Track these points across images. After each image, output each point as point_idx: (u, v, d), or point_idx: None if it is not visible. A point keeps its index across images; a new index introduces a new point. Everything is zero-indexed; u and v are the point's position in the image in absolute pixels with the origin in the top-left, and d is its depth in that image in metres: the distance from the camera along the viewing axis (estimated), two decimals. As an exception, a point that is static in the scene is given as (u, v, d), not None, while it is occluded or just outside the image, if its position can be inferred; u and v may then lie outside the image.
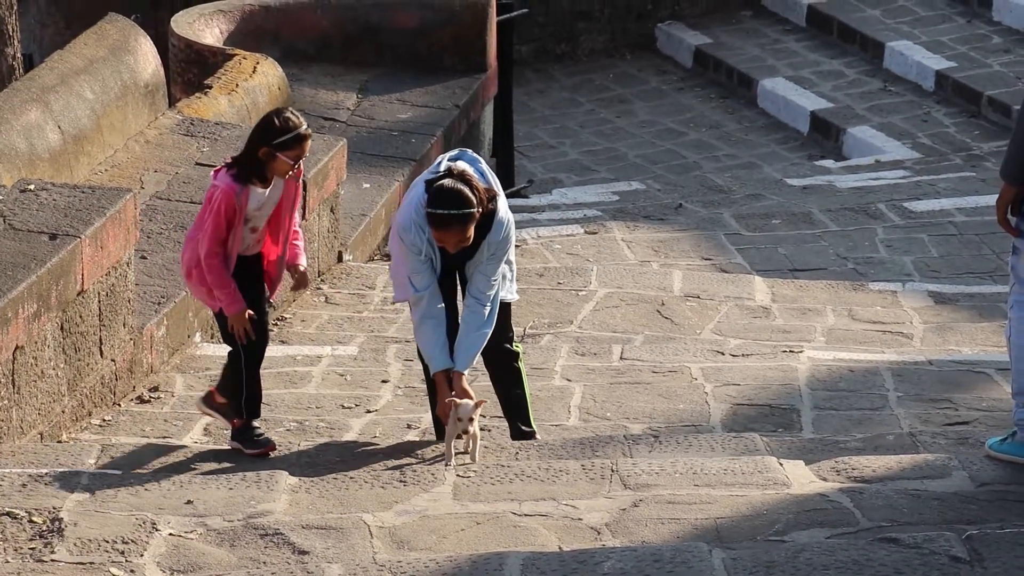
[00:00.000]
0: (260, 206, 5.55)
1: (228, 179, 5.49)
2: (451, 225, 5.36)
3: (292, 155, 5.46)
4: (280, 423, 6.13)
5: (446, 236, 5.39)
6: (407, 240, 5.47)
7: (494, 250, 5.53)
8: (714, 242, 9.13)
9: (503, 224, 5.53)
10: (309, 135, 5.50)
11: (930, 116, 12.27)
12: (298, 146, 5.46)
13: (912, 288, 8.26)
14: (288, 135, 5.44)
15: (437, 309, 5.52)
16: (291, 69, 9.87)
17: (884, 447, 5.59)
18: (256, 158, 5.47)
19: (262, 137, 5.48)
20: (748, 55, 13.52)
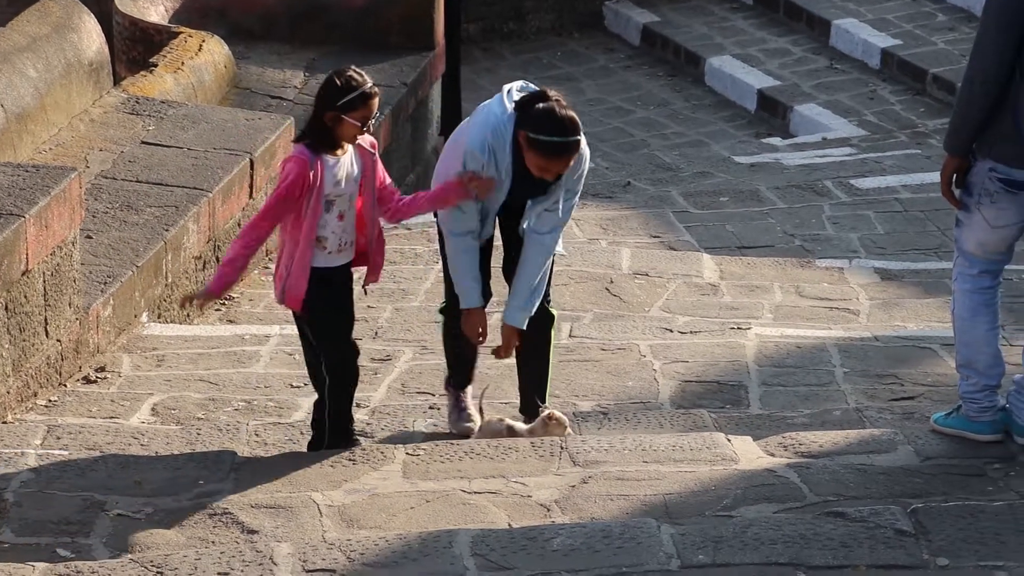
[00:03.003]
0: (339, 181, 5.18)
1: (301, 148, 5.17)
2: (566, 152, 5.09)
3: (359, 116, 5.12)
4: (228, 403, 6.11)
5: (554, 164, 5.09)
6: (473, 163, 5.15)
7: (571, 184, 5.26)
8: (662, 220, 9.16)
9: (583, 157, 5.25)
10: (376, 93, 5.17)
11: (876, 94, 12.33)
12: (364, 105, 5.12)
13: (858, 265, 8.31)
14: (353, 94, 5.09)
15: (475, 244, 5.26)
16: (237, 47, 9.81)
17: (831, 422, 5.63)
18: (323, 124, 5.14)
19: (326, 100, 5.14)
20: (695, 33, 13.54)
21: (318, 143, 5.17)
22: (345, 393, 5.32)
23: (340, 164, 5.21)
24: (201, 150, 7.73)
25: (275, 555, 4.31)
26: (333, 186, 5.19)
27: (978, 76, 4.85)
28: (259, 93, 9.50)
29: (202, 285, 7.35)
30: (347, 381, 5.32)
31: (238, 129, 8.00)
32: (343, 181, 5.22)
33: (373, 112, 5.18)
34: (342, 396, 5.32)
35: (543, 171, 5.14)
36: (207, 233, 7.34)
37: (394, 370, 6.51)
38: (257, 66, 9.92)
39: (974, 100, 4.88)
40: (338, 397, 5.31)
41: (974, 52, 4.89)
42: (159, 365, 6.51)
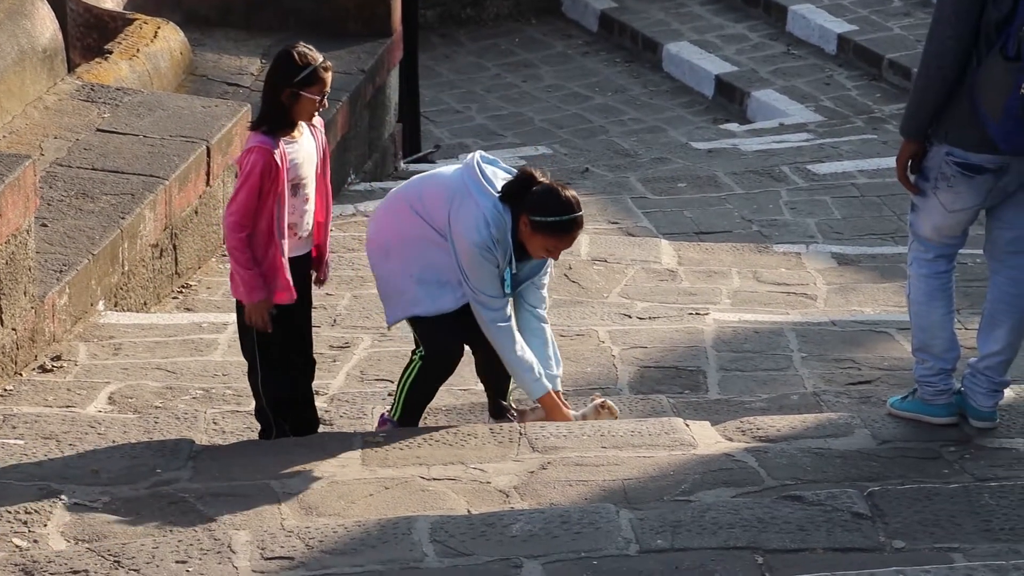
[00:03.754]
0: (301, 163, 5.13)
1: (260, 137, 5.08)
2: (576, 229, 5.18)
3: (316, 91, 5.06)
4: (186, 391, 6.09)
5: (563, 243, 5.19)
6: (487, 253, 5.17)
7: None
8: (620, 206, 9.17)
9: None
10: (329, 67, 5.12)
11: (832, 79, 12.37)
12: (320, 80, 5.07)
13: (816, 250, 8.34)
14: (308, 69, 5.03)
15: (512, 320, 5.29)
16: (193, 34, 9.76)
17: (788, 407, 5.65)
18: (280, 104, 5.06)
19: (282, 78, 5.06)
20: (653, 19, 13.55)
21: (276, 127, 5.09)
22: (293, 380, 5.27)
23: (299, 145, 5.15)
24: (157, 137, 7.69)
25: (233, 543, 4.30)
26: (297, 168, 5.14)
27: (934, 60, 4.87)
28: (215, 80, 9.46)
29: (159, 273, 7.32)
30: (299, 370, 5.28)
31: (194, 116, 7.96)
32: (305, 163, 5.16)
33: (328, 86, 5.13)
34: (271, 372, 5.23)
35: (551, 251, 5.20)
36: (164, 221, 7.30)
37: (353, 357, 6.49)
38: (213, 53, 9.87)
39: (931, 84, 4.90)
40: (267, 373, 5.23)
41: (931, 37, 4.90)
42: (116, 354, 6.47)
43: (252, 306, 5.14)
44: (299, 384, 5.33)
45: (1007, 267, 5.08)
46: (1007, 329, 5.09)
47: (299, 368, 5.31)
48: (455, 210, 5.16)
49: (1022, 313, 5.10)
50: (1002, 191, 5.02)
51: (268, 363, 5.22)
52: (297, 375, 5.31)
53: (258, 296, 5.13)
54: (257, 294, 5.13)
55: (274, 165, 5.06)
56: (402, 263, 5.23)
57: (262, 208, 5.08)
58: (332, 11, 10.33)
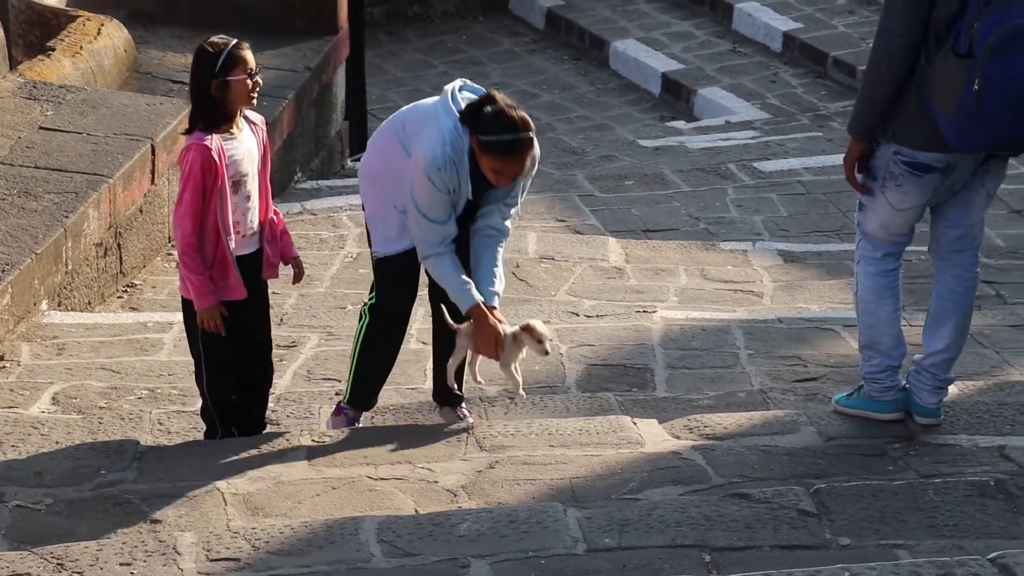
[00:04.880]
0: (240, 159, 5.06)
1: (197, 134, 5.00)
2: (520, 151, 4.99)
3: (241, 70, 4.98)
4: (131, 391, 6.04)
5: (509, 165, 5.00)
6: (438, 180, 5.01)
7: (524, 181, 5.20)
8: (568, 203, 9.17)
9: (536, 159, 5.18)
10: (245, 46, 5.05)
11: (778, 77, 12.42)
12: (241, 59, 5.00)
13: (762, 247, 8.37)
14: (224, 52, 4.97)
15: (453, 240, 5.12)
16: (137, 31, 9.69)
17: (735, 404, 5.67)
18: (211, 98, 4.99)
19: (204, 72, 5.00)
20: (599, 17, 13.57)
21: (212, 123, 5.01)
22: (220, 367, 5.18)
23: (239, 142, 5.10)
24: (101, 135, 7.63)
25: (178, 545, 4.27)
26: (236, 165, 5.07)
27: (884, 59, 4.88)
28: (160, 78, 9.39)
29: (103, 272, 7.26)
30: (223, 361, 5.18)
31: (139, 114, 7.90)
32: (244, 159, 5.10)
33: (252, 63, 5.04)
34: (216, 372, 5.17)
35: (499, 175, 5.05)
36: (108, 219, 7.24)
37: (299, 356, 6.46)
38: (158, 50, 9.81)
39: (880, 83, 4.91)
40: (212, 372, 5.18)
41: (880, 35, 4.90)
42: (60, 354, 6.42)
43: (203, 311, 5.11)
44: (252, 385, 5.29)
45: (952, 265, 5.11)
46: (952, 327, 5.12)
47: (252, 368, 5.27)
48: (420, 132, 5.11)
49: (967, 311, 5.13)
50: (948, 189, 5.04)
51: (213, 363, 5.18)
52: (246, 376, 5.26)
53: (209, 302, 5.10)
54: (208, 299, 5.10)
55: (212, 161, 4.99)
56: (385, 192, 5.19)
57: (207, 207, 5.04)
58: (278, 8, 10.28)
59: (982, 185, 5.05)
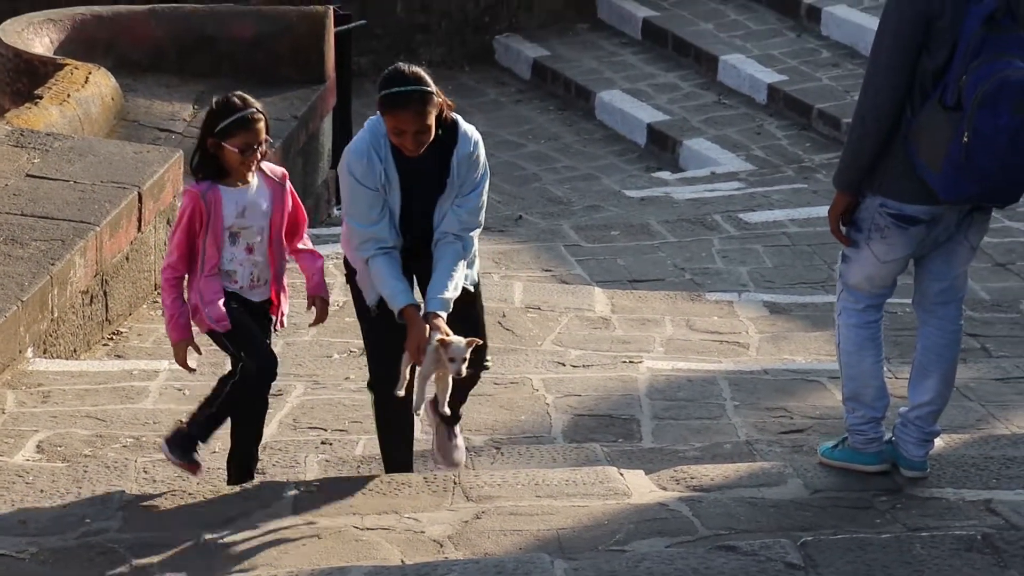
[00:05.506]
0: (242, 211, 4.98)
1: (192, 181, 5.00)
2: (408, 104, 4.76)
3: (238, 142, 4.90)
4: (116, 439, 6.02)
5: (403, 121, 4.76)
6: (358, 170, 4.84)
7: (465, 175, 4.93)
8: (554, 253, 9.19)
9: (470, 138, 4.94)
10: (257, 118, 4.92)
11: (763, 129, 12.49)
12: (243, 131, 4.89)
13: (748, 298, 8.39)
14: (229, 119, 4.89)
15: (390, 246, 4.89)
16: (125, 79, 9.72)
17: (722, 455, 5.67)
18: (207, 152, 4.95)
19: (207, 126, 4.96)
20: (585, 67, 13.64)
21: (207, 175, 5.01)
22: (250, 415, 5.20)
23: (243, 195, 5.02)
24: (88, 183, 7.63)
25: (164, 595, 4.25)
26: (236, 218, 5.00)
27: (871, 112, 4.90)
28: (147, 126, 9.41)
29: (89, 320, 7.25)
30: (255, 399, 5.18)
31: (126, 162, 7.91)
32: (247, 213, 5.03)
33: (257, 138, 4.96)
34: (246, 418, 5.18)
35: (400, 136, 4.79)
36: (94, 267, 7.24)
37: (285, 405, 6.45)
38: (145, 98, 9.83)
39: (867, 136, 4.93)
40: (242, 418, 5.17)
41: (866, 88, 4.93)
42: (45, 401, 6.40)
43: (174, 345, 5.15)
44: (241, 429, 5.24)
45: (936, 317, 5.13)
46: (937, 379, 5.13)
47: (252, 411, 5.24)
48: None
49: (951, 363, 5.14)
50: (933, 242, 5.07)
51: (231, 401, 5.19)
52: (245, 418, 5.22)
53: (176, 336, 5.11)
54: (176, 333, 5.09)
55: (201, 209, 4.96)
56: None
57: (196, 251, 5.05)
58: (266, 57, 10.32)
59: (966, 238, 5.08)
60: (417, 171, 4.94)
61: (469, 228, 5.02)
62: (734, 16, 14.07)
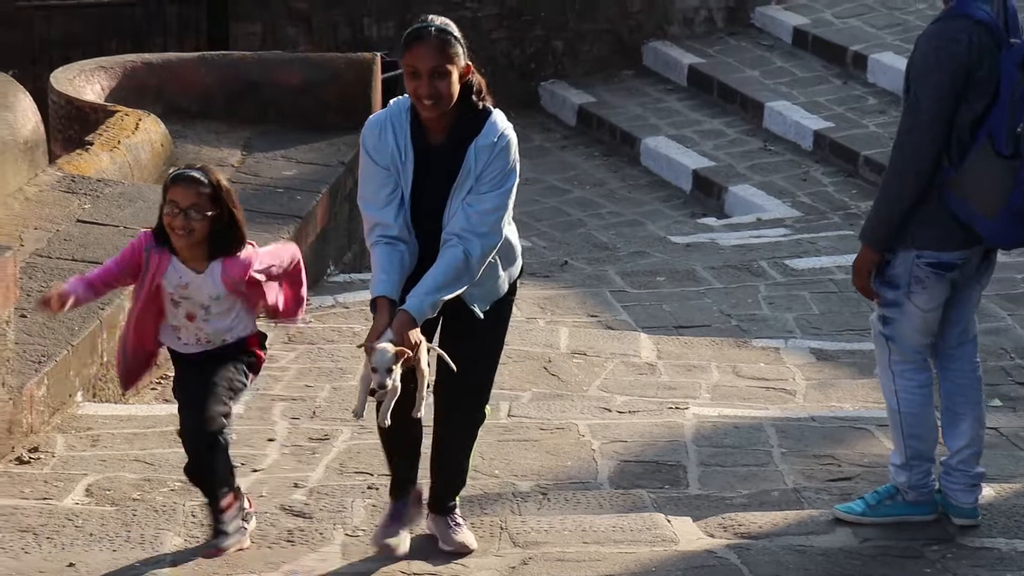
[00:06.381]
0: (185, 286, 4.71)
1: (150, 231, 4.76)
2: (425, 38, 4.44)
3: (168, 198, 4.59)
4: (164, 483, 6.04)
5: (419, 56, 4.41)
6: (371, 141, 4.51)
7: (483, 167, 4.49)
8: (600, 299, 9.19)
9: (497, 128, 4.53)
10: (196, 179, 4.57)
11: (809, 175, 12.48)
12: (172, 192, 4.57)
13: (794, 345, 8.36)
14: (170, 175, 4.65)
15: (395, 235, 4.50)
16: (174, 126, 9.80)
17: (769, 503, 5.63)
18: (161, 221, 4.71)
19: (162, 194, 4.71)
20: (631, 114, 13.66)
21: (161, 239, 4.73)
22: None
23: (190, 275, 4.73)
24: (137, 228, 7.69)
25: (212, 639, 4.26)
26: (176, 288, 4.73)
27: (911, 167, 4.88)
28: (196, 171, 9.47)
29: (137, 364, 7.27)
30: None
31: (175, 207, 7.96)
32: (190, 290, 4.73)
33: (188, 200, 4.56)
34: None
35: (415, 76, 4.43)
36: (143, 312, 7.28)
37: (332, 450, 6.46)
38: (194, 144, 9.91)
39: (907, 192, 4.91)
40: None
41: (904, 145, 4.88)
42: (94, 445, 6.43)
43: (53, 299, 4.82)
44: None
45: (955, 360, 5.11)
46: (970, 421, 5.10)
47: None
48: None
49: (980, 403, 5.12)
50: (952, 285, 5.06)
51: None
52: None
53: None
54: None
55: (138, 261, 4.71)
56: None
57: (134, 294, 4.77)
58: (313, 104, 10.39)
59: (978, 281, 5.10)
60: (434, 153, 4.54)
61: (476, 233, 4.48)
62: (780, 63, 14.09)
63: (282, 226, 9.16)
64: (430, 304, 4.47)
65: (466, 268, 4.49)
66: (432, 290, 4.47)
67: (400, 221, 4.54)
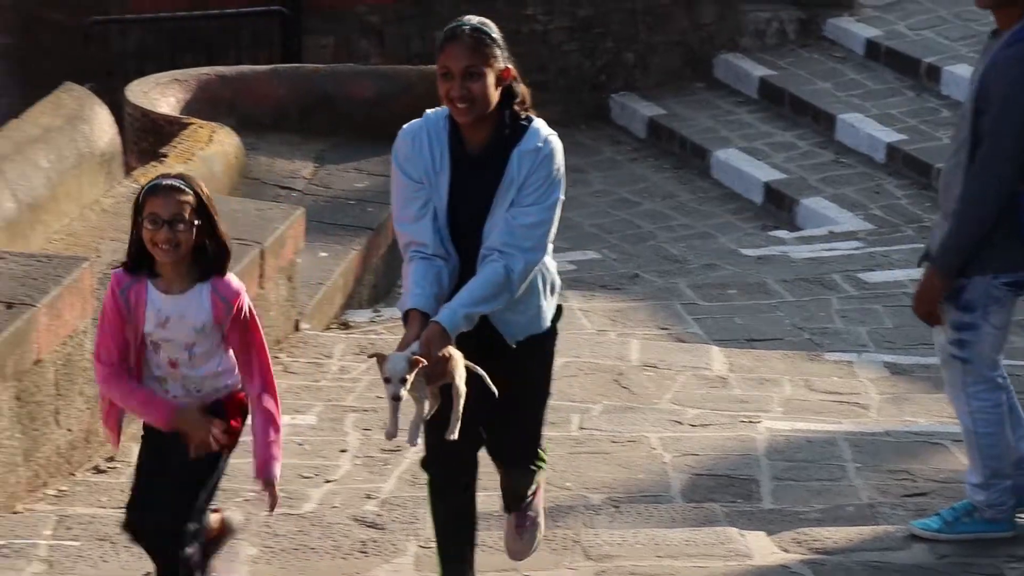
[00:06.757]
0: (165, 320, 4.10)
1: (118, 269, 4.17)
2: (459, 37, 4.22)
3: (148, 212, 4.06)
4: (238, 493, 6.08)
5: (451, 56, 4.19)
6: (403, 151, 4.26)
7: (526, 176, 4.18)
8: (670, 312, 9.17)
9: (540, 135, 4.25)
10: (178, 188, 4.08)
11: (882, 188, 12.39)
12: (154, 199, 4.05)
13: (868, 358, 8.31)
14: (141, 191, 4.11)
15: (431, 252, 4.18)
16: (248, 138, 9.87)
17: (844, 518, 5.60)
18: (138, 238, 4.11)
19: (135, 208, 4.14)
20: (701, 126, 13.62)
21: (135, 265, 4.15)
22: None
23: (171, 301, 4.12)
24: (212, 240, 7.75)
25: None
26: (155, 326, 4.11)
27: (993, 197, 4.85)
28: (269, 183, 9.55)
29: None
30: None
31: (248, 219, 8.02)
32: (171, 324, 4.11)
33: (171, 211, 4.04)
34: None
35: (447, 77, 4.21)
36: (217, 323, 7.34)
37: (404, 461, 6.48)
38: (267, 156, 9.98)
39: (987, 218, 4.89)
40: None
41: (987, 175, 4.83)
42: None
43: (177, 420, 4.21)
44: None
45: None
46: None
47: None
48: None
49: None
50: None
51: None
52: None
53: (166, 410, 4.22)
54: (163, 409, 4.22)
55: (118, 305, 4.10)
56: None
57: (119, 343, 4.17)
58: (384, 116, 10.43)
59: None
60: (472, 163, 4.25)
61: (520, 248, 4.17)
62: (852, 75, 14.00)
63: (354, 237, 9.21)
64: (464, 317, 4.13)
65: (506, 284, 4.17)
66: (468, 303, 4.15)
67: (435, 237, 4.23)
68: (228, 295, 4.16)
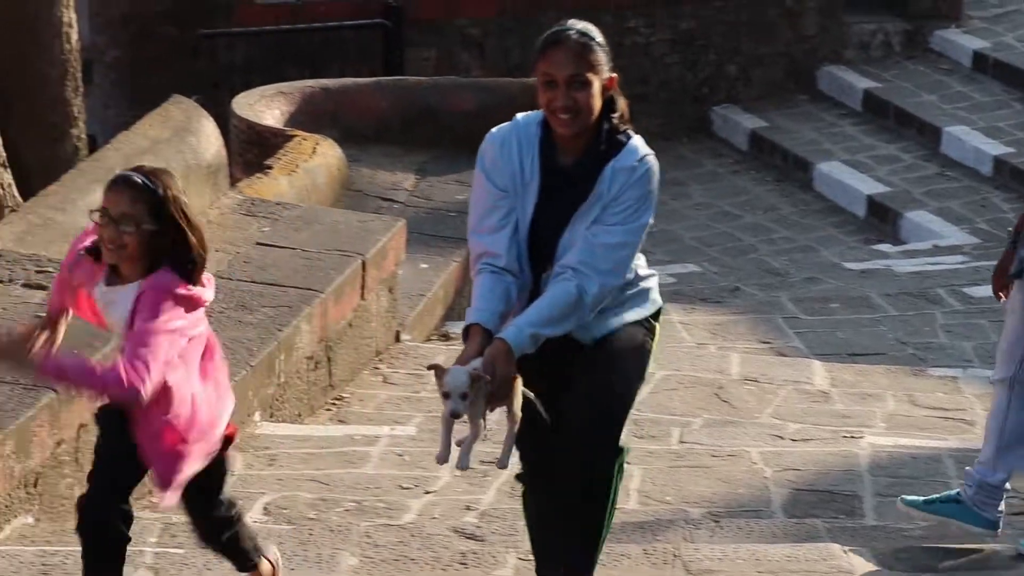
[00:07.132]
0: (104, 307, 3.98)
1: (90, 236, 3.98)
2: (564, 42, 4.02)
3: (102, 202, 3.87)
4: (339, 503, 6.12)
5: (555, 63, 3.98)
6: (489, 155, 4.07)
7: (617, 192, 4.01)
8: (771, 325, 9.10)
9: (637, 152, 4.06)
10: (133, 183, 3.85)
11: (988, 201, 12.23)
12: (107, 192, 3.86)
13: (973, 374, 8.20)
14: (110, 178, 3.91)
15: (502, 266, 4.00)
16: (350, 150, 9.95)
17: (950, 536, 5.52)
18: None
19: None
20: (804, 139, 13.53)
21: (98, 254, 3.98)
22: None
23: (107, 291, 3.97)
24: (314, 251, 7.82)
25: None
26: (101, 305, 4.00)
27: None
28: (371, 195, 9.61)
29: (313, 385, 7.40)
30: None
31: (350, 231, 8.08)
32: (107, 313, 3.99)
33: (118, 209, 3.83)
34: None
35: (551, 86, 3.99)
36: (319, 333, 7.40)
37: (503, 472, 6.49)
38: (369, 168, 10.05)
39: None
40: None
41: None
42: (271, 464, 6.54)
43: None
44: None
45: None
46: None
47: None
48: None
49: None
50: None
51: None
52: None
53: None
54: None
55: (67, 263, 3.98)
56: None
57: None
58: (486, 128, 10.37)
59: None
60: (563, 175, 4.06)
61: (597, 269, 3.96)
62: (958, 87, 13.84)
63: (454, 249, 9.24)
64: (530, 337, 3.90)
65: (577, 306, 3.96)
66: (536, 323, 3.93)
67: (512, 252, 4.02)
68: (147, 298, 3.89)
